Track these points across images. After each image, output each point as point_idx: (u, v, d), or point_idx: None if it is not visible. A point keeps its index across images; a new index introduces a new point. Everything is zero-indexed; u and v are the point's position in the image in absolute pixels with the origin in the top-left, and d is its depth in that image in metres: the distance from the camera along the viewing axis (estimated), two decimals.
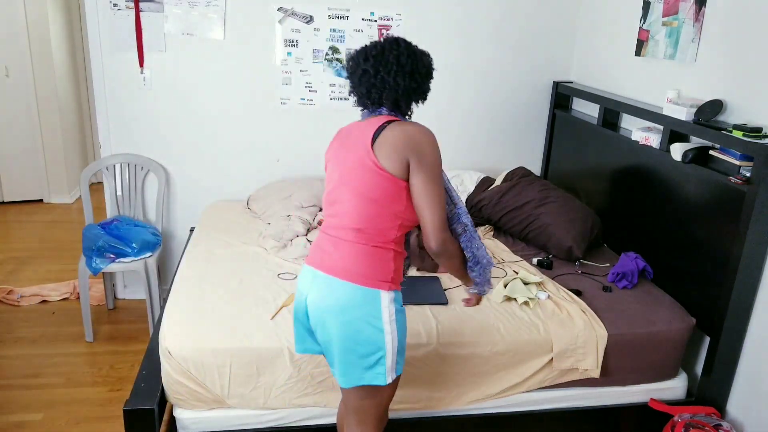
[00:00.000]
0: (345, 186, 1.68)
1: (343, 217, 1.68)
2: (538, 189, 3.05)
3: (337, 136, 1.82)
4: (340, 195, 1.69)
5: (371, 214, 1.65)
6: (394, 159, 1.62)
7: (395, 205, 1.66)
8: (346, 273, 1.65)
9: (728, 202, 2.22)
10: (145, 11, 3.11)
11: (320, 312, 1.67)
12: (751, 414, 2.23)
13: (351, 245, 1.66)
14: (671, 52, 2.62)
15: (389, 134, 1.65)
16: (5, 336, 3.17)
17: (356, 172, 1.66)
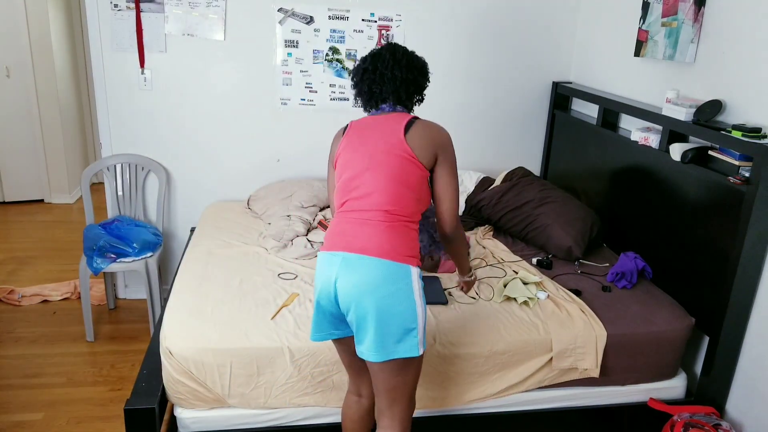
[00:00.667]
0: (374, 170, 1.78)
1: (373, 199, 1.76)
2: (537, 189, 3.06)
3: (353, 128, 1.88)
4: (368, 179, 1.78)
5: (401, 196, 1.77)
6: (426, 151, 1.82)
7: (420, 191, 1.82)
8: (380, 250, 1.71)
9: (727, 202, 2.22)
10: (145, 12, 3.11)
11: (357, 290, 1.69)
12: (751, 413, 2.23)
13: (381, 224, 1.74)
14: (670, 52, 2.63)
15: (420, 129, 1.83)
16: (6, 336, 3.18)
17: (389, 158, 1.78)
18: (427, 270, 2.63)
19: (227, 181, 3.46)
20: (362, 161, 1.81)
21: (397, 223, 1.76)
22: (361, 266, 1.70)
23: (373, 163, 1.79)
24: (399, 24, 3.31)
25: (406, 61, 1.91)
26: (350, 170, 1.82)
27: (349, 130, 1.89)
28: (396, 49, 1.93)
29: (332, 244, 1.77)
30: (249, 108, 3.36)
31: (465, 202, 3.29)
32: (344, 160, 1.85)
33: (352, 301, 1.70)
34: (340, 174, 1.85)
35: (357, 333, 1.74)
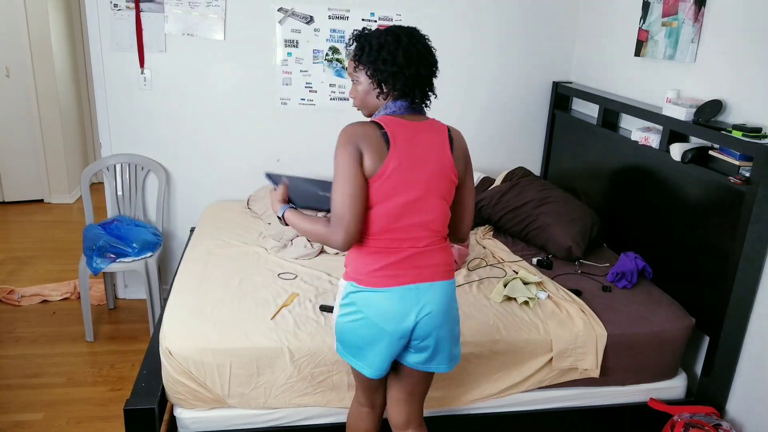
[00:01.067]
0: (431, 193, 1.66)
1: (434, 225, 1.68)
2: (537, 189, 3.06)
3: (399, 142, 1.62)
4: (427, 205, 1.66)
5: (448, 216, 1.74)
6: (462, 167, 1.74)
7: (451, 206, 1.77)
8: (445, 273, 1.73)
9: (727, 202, 2.22)
10: (145, 11, 3.11)
11: (439, 316, 1.69)
12: (751, 414, 2.23)
13: (441, 248, 1.72)
14: (671, 52, 2.62)
15: (457, 142, 1.74)
16: (5, 336, 3.17)
17: (441, 180, 1.67)
18: None
19: (227, 181, 3.46)
20: (419, 185, 1.64)
21: (446, 241, 1.75)
22: (438, 292, 1.69)
23: (431, 188, 1.65)
24: (399, 24, 3.31)
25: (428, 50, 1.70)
26: (405, 194, 1.63)
27: (395, 143, 1.61)
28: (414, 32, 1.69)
29: (404, 277, 1.66)
30: (249, 108, 3.36)
31: None
32: (396, 182, 1.61)
33: (435, 327, 1.69)
34: (389, 194, 1.62)
35: (430, 352, 1.72)
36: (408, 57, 1.62)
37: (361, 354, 1.71)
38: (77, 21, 5.41)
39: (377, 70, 1.65)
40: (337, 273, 2.56)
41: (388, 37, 1.64)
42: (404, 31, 1.66)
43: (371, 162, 1.59)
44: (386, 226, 1.64)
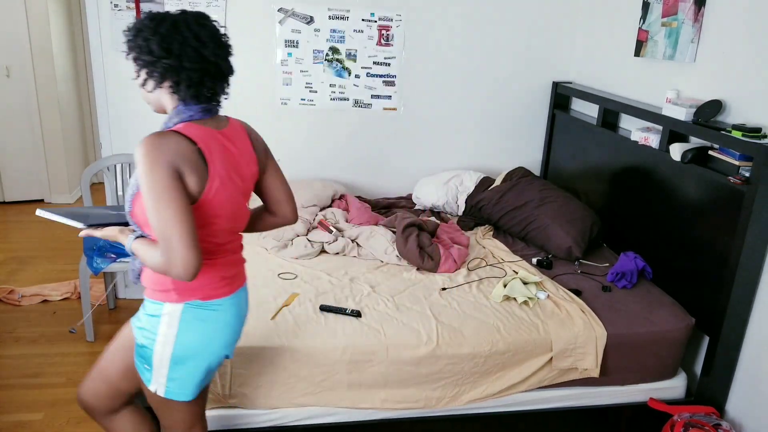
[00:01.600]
0: (245, 200, 1.64)
1: (242, 231, 1.70)
2: (537, 189, 3.06)
3: (213, 155, 1.48)
4: (243, 211, 1.63)
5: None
6: (264, 158, 1.71)
7: None
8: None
9: (727, 202, 2.22)
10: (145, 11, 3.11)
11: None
12: (751, 413, 2.23)
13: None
14: (670, 52, 2.63)
15: (255, 137, 1.70)
16: (6, 336, 3.18)
17: (251, 184, 1.67)
18: (427, 270, 2.63)
19: None
20: (240, 197, 1.59)
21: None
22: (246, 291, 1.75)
23: (246, 195, 1.64)
24: (399, 24, 3.32)
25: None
26: (230, 209, 1.55)
27: (212, 160, 1.47)
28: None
29: (237, 281, 1.66)
30: (249, 108, 3.35)
31: (465, 202, 3.29)
32: (221, 201, 1.51)
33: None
34: (215, 214, 1.51)
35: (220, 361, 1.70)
36: (166, 45, 1.43)
37: (209, 367, 1.64)
38: (78, 21, 5.41)
39: (136, 59, 1.48)
40: (337, 273, 2.56)
41: (147, 21, 1.47)
42: (173, 15, 1.47)
43: (194, 183, 1.43)
44: (221, 240, 1.58)
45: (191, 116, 1.50)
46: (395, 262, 2.69)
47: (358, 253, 2.76)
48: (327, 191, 3.22)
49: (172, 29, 1.44)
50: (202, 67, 1.48)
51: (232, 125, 1.61)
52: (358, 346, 2.10)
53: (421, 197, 3.36)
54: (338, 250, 2.76)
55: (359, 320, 2.20)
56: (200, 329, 1.58)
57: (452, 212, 3.36)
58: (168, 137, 1.41)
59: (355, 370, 2.11)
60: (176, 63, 1.44)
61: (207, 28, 1.50)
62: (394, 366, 2.12)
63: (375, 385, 2.14)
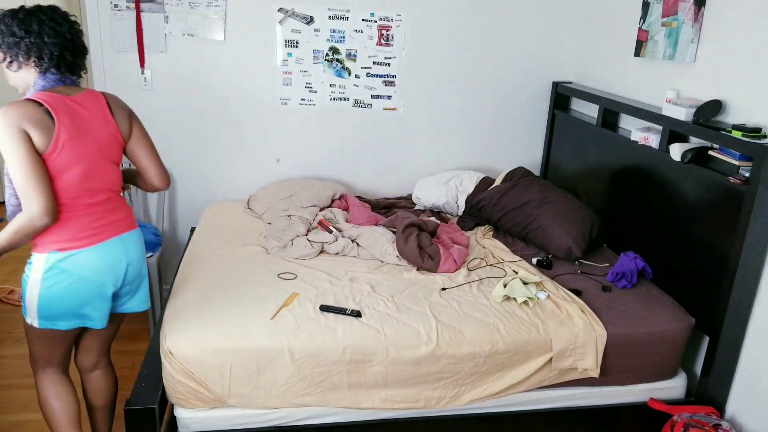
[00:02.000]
0: (105, 160, 1.90)
1: (113, 187, 1.96)
2: (537, 189, 3.06)
3: (63, 113, 1.77)
4: (102, 170, 1.89)
5: (120, 177, 2.04)
6: (126, 126, 2.00)
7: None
8: (134, 222, 2.05)
9: (727, 202, 2.22)
10: (145, 12, 3.12)
11: (140, 261, 2.05)
12: (751, 413, 2.23)
13: (122, 204, 2.03)
14: (670, 52, 2.63)
15: (117, 105, 1.97)
16: (5, 336, 3.18)
17: (110, 146, 1.93)
18: (427, 270, 2.63)
19: (227, 180, 3.46)
20: (93, 154, 1.85)
21: (122, 198, 2.04)
22: (135, 239, 2.02)
23: (104, 155, 1.89)
24: (399, 24, 3.32)
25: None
26: (82, 163, 1.82)
27: (59, 117, 1.75)
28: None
29: (105, 233, 1.91)
30: (249, 108, 3.36)
31: (465, 202, 3.29)
32: (71, 153, 1.78)
33: (138, 270, 2.03)
34: (67, 165, 1.78)
35: (132, 293, 2.05)
36: (26, 27, 1.76)
37: (83, 314, 1.92)
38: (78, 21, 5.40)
39: (0, 44, 1.79)
40: (337, 273, 2.56)
41: (5, 12, 1.80)
42: (27, 7, 1.80)
43: (40, 139, 1.71)
44: (73, 194, 1.82)
45: (44, 86, 1.80)
46: (395, 262, 2.69)
47: (358, 253, 2.76)
48: (327, 191, 3.22)
49: (29, 14, 1.78)
50: (60, 42, 1.80)
51: (87, 94, 1.88)
52: (358, 346, 2.10)
53: (421, 197, 3.37)
54: (338, 250, 2.77)
55: (359, 320, 2.20)
56: (60, 277, 1.83)
57: (452, 212, 3.36)
58: (16, 104, 1.71)
59: (355, 370, 2.11)
60: (38, 40, 1.77)
61: (59, 13, 1.83)
62: (394, 366, 2.12)
63: (375, 385, 2.14)
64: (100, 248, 1.89)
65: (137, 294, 2.08)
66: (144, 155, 2.05)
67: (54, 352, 2.00)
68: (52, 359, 2.02)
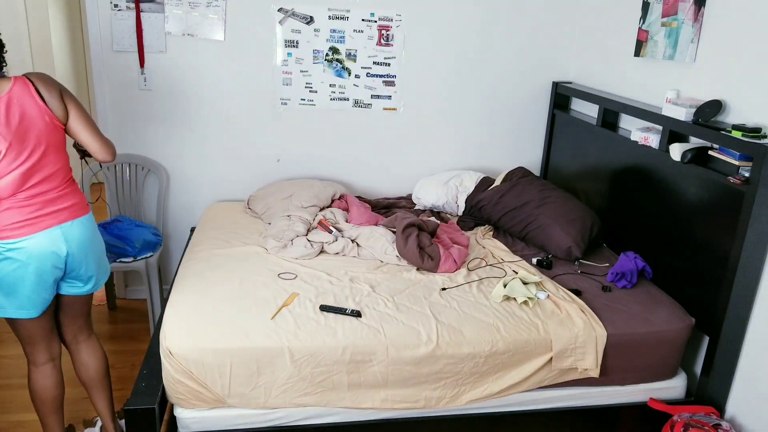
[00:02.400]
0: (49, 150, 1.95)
1: (60, 175, 2.01)
2: (537, 189, 3.06)
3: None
4: (47, 161, 1.95)
5: (67, 162, 2.07)
6: (59, 107, 1.97)
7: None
8: (84, 208, 2.08)
9: (727, 202, 2.22)
10: (145, 12, 3.12)
11: (89, 245, 2.08)
12: (751, 413, 2.23)
13: (72, 190, 2.06)
14: (670, 52, 2.63)
15: (46, 87, 1.95)
16: (6, 336, 3.18)
17: (51, 134, 1.96)
18: (427, 270, 2.63)
19: (227, 181, 3.46)
20: (35, 150, 1.90)
21: (74, 182, 2.09)
22: (80, 226, 2.04)
23: (48, 146, 1.93)
24: (399, 24, 3.32)
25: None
26: (25, 162, 1.89)
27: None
28: None
29: (46, 222, 1.96)
30: (249, 108, 3.36)
31: (465, 202, 3.29)
32: (12, 158, 1.86)
33: (85, 256, 2.06)
34: (8, 169, 1.87)
35: (79, 279, 2.10)
36: None
37: (19, 300, 1.98)
38: (78, 21, 5.41)
39: None
40: (337, 273, 2.56)
41: None
42: None
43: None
44: (16, 191, 1.89)
45: None
46: (395, 262, 2.69)
47: (358, 253, 2.76)
48: (327, 191, 3.22)
49: None
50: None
51: (15, 85, 1.87)
52: (358, 346, 2.10)
53: (421, 197, 3.37)
54: (338, 250, 2.77)
55: (359, 320, 2.20)
56: (4, 265, 1.93)
57: (452, 212, 3.36)
58: None
59: (355, 370, 2.11)
60: None
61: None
62: (394, 366, 2.12)
63: (375, 385, 2.14)
64: (39, 236, 1.94)
65: (91, 279, 2.15)
66: (83, 132, 2.04)
67: (31, 340, 2.12)
68: (32, 349, 2.15)
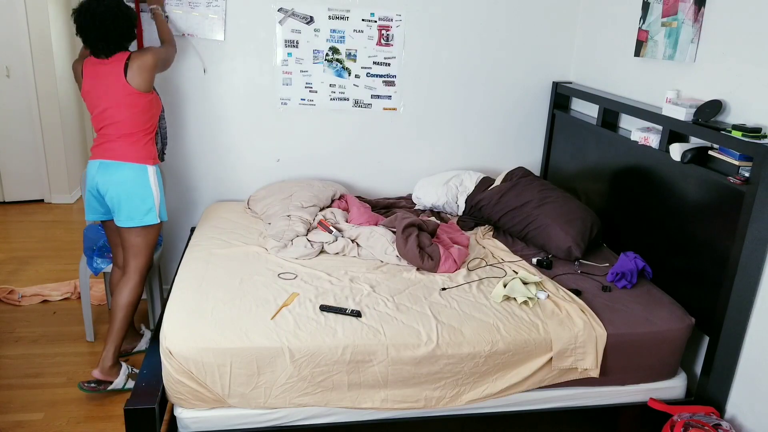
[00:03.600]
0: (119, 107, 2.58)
1: (122, 127, 2.58)
2: (537, 189, 3.06)
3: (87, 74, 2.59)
4: (114, 114, 2.57)
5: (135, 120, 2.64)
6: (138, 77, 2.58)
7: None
8: (134, 158, 2.61)
9: (727, 202, 2.22)
10: (145, 12, 3.11)
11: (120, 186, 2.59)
12: (751, 413, 2.23)
13: (132, 143, 2.61)
14: (670, 52, 2.63)
15: (134, 65, 2.58)
16: (6, 336, 3.18)
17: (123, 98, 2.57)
18: (427, 270, 2.63)
19: (227, 181, 3.46)
20: (105, 102, 2.55)
21: (138, 139, 2.62)
22: (118, 169, 2.58)
23: (118, 104, 2.55)
24: (399, 24, 3.32)
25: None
26: (97, 107, 2.58)
27: (85, 77, 2.59)
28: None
29: (95, 155, 2.61)
30: (249, 108, 3.36)
31: (465, 202, 3.29)
32: (90, 100, 2.59)
33: (117, 192, 2.58)
34: (90, 108, 2.62)
35: (117, 211, 2.61)
36: (77, 22, 2.50)
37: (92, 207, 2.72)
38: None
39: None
40: (337, 273, 2.57)
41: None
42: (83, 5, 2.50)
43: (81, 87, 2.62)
44: (95, 126, 2.61)
45: (87, 56, 2.67)
46: (395, 262, 2.69)
47: (358, 253, 2.76)
48: (327, 191, 3.22)
49: (80, 12, 2.54)
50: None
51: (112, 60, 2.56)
52: (358, 346, 2.10)
53: (421, 197, 3.37)
54: (338, 250, 2.77)
55: (359, 320, 2.20)
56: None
57: (452, 212, 3.36)
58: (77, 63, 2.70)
59: (355, 370, 2.11)
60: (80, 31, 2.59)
61: (98, 6, 2.51)
62: (394, 366, 2.12)
63: (375, 385, 2.14)
64: (89, 164, 2.63)
65: (120, 213, 2.61)
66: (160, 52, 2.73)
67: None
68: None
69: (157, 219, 2.68)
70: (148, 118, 2.62)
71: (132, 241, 2.66)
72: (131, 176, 2.58)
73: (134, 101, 2.55)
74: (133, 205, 2.59)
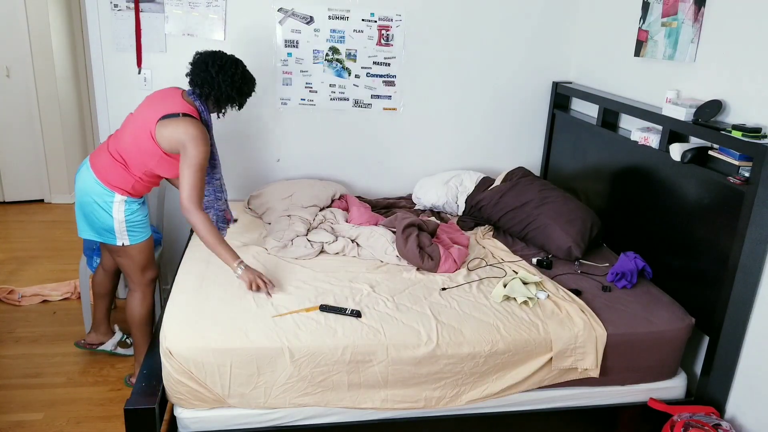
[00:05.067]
0: (131, 134, 2.45)
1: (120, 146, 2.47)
2: (537, 189, 3.06)
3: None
4: (124, 136, 2.45)
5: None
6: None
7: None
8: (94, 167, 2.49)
9: (727, 202, 2.22)
10: (145, 12, 3.11)
11: (78, 194, 2.51)
12: (751, 413, 2.23)
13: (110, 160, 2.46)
14: (670, 52, 2.63)
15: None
16: (6, 336, 3.18)
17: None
18: (427, 270, 2.63)
19: (227, 181, 3.46)
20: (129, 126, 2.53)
21: (117, 159, 2.44)
22: (82, 174, 2.48)
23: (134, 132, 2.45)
24: (399, 24, 3.32)
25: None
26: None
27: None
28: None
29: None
30: (249, 108, 3.35)
31: (465, 202, 3.29)
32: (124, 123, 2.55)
33: (77, 190, 2.51)
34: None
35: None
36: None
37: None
38: (77, 21, 5.40)
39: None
40: (337, 273, 2.56)
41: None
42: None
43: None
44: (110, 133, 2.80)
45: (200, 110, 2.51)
46: (395, 262, 2.69)
47: (358, 253, 2.76)
48: (327, 191, 3.22)
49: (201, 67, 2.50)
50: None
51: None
52: (358, 346, 2.10)
53: (421, 197, 3.37)
54: (338, 250, 2.77)
55: (359, 320, 2.20)
56: None
57: (452, 212, 3.36)
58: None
59: (355, 370, 2.11)
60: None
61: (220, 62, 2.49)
62: (394, 366, 2.12)
63: (375, 385, 2.14)
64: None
65: (78, 221, 2.52)
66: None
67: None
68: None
69: (118, 243, 2.48)
70: (144, 162, 2.40)
71: (116, 260, 2.60)
72: (97, 191, 2.42)
73: (145, 142, 2.37)
74: (89, 220, 2.47)
